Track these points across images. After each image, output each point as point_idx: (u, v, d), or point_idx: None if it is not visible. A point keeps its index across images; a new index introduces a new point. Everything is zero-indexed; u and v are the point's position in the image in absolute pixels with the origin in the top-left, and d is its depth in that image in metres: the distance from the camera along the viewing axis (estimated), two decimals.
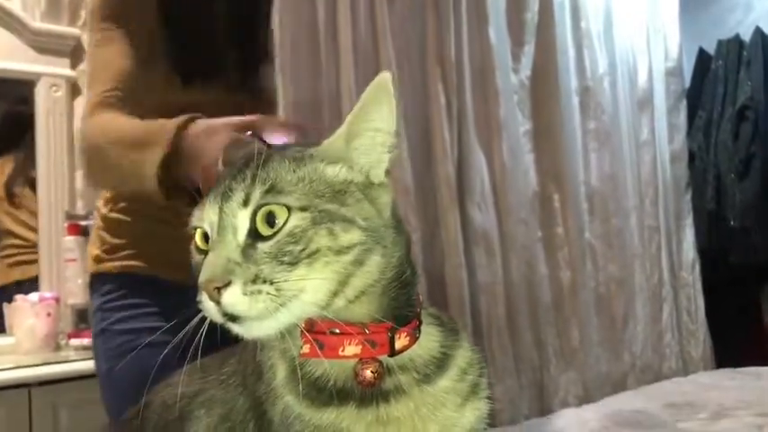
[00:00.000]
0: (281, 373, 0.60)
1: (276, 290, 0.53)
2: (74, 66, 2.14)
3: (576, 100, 3.12)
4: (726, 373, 2.34)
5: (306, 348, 0.58)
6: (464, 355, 0.64)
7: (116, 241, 1.21)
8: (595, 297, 3.10)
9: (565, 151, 3.01)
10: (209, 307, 0.54)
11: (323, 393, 0.57)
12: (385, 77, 0.57)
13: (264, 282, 0.52)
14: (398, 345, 0.58)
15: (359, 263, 0.55)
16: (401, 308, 0.58)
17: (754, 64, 3.47)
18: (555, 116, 3.00)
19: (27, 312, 1.89)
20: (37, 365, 1.73)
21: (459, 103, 2.68)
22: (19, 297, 1.93)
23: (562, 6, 3.09)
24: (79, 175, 2.13)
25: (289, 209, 0.54)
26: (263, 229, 0.54)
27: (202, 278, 0.53)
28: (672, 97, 3.55)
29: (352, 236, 0.54)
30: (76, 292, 1.96)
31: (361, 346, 0.57)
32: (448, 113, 2.64)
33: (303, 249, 0.53)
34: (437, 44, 2.65)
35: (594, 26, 3.23)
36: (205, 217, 0.57)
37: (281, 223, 0.54)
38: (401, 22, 2.60)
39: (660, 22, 3.54)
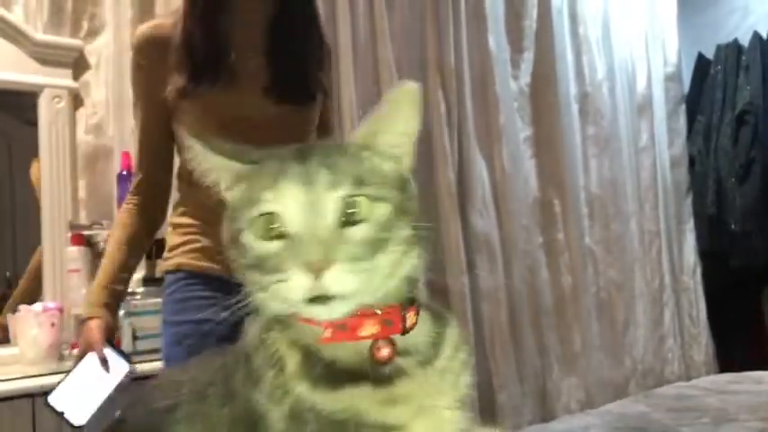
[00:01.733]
0: (291, 364, 0.60)
1: (370, 272, 0.56)
2: (76, 77, 2.15)
3: (575, 106, 3.14)
4: (728, 378, 2.34)
5: (328, 333, 0.60)
6: (453, 333, 0.67)
7: (176, 241, 1.33)
8: (597, 302, 3.11)
9: (565, 157, 3.02)
10: (295, 286, 0.55)
11: (338, 376, 0.59)
12: (412, 87, 0.62)
13: (360, 262, 0.56)
14: (409, 323, 0.62)
15: (409, 251, 0.60)
16: (410, 290, 0.63)
17: (752, 68, 3.48)
18: (555, 122, 3.01)
19: (31, 322, 1.89)
20: (41, 375, 1.73)
21: (459, 110, 2.70)
22: (22, 307, 1.93)
23: (560, 13, 3.11)
24: (82, 185, 2.14)
25: (373, 199, 0.58)
26: (347, 216, 0.57)
27: (307, 257, 0.54)
28: (671, 102, 3.56)
29: (409, 228, 0.60)
30: (80, 302, 1.97)
31: (378, 326, 0.60)
32: (448, 121, 2.65)
33: (386, 238, 0.58)
34: (437, 52, 2.66)
35: (593, 32, 3.25)
36: (285, 199, 0.57)
37: (367, 212, 0.58)
38: (400, 31, 2.62)
39: (658, 27, 3.56)
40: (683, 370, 3.36)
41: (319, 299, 0.55)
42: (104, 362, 1.19)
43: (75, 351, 1.88)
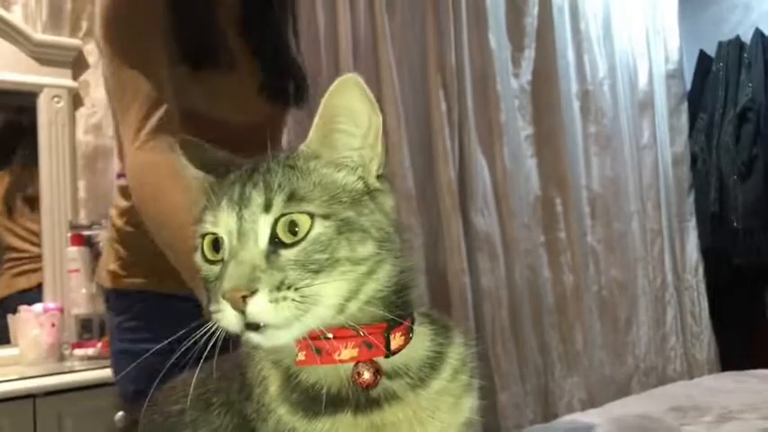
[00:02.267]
0: (273, 384, 0.59)
1: (301, 296, 0.52)
2: (75, 77, 2.15)
3: (576, 104, 3.13)
4: (731, 376, 2.32)
5: (302, 356, 0.57)
6: (457, 352, 0.62)
7: (133, 257, 1.15)
8: (598, 301, 3.10)
9: (566, 155, 3.02)
10: (228, 316, 0.52)
11: (317, 402, 0.56)
12: (351, 77, 0.56)
13: (289, 288, 0.52)
14: (394, 345, 0.57)
15: (372, 272, 0.55)
16: (396, 310, 0.58)
17: (754, 65, 3.47)
18: (556, 120, 3.00)
19: (31, 323, 1.89)
20: (41, 376, 1.73)
21: (460, 108, 2.69)
22: (23, 308, 1.93)
23: (561, 11, 3.10)
24: (82, 185, 2.14)
25: (312, 216, 0.54)
26: (285, 237, 0.54)
27: (227, 286, 0.52)
28: (673, 100, 3.55)
29: (367, 248, 0.55)
30: (80, 302, 1.97)
31: (357, 349, 0.56)
32: (449, 119, 2.64)
33: (327, 258, 0.53)
34: (437, 50, 2.66)
35: (594, 30, 3.24)
36: (221, 223, 0.55)
37: (305, 231, 0.54)
38: (401, 29, 2.61)
39: (660, 24, 3.55)
40: (686, 368, 3.35)
41: (255, 327, 0.52)
42: None
43: (76, 351, 1.89)
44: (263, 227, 0.54)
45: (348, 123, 0.57)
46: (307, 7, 2.31)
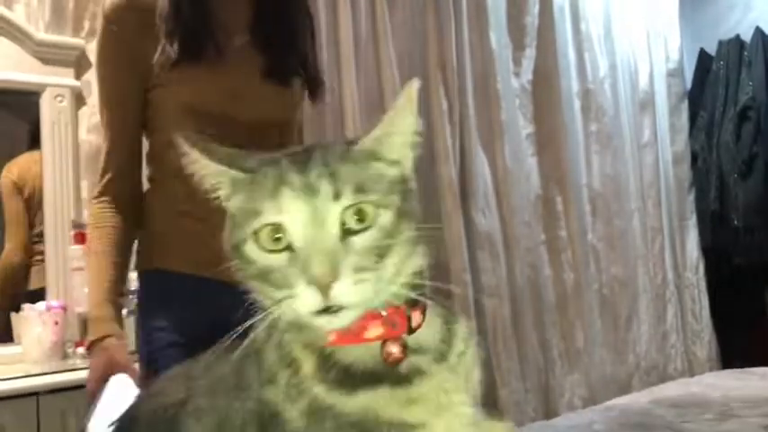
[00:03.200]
0: (307, 366, 0.60)
1: (375, 279, 0.57)
2: (78, 76, 2.15)
3: (577, 103, 3.14)
4: (732, 374, 2.33)
5: (333, 336, 0.60)
6: (461, 329, 0.67)
7: (153, 238, 1.25)
8: (599, 299, 3.11)
9: (567, 154, 3.02)
10: (307, 300, 0.55)
11: (354, 379, 0.59)
12: (414, 87, 0.62)
13: (365, 271, 0.56)
14: (414, 323, 0.62)
15: (413, 254, 0.61)
16: (415, 290, 0.62)
17: (755, 64, 3.48)
18: (556, 119, 3.01)
19: (34, 321, 1.90)
20: (45, 374, 1.74)
21: (460, 107, 2.70)
22: (26, 306, 1.94)
23: (562, 10, 3.10)
24: (85, 185, 2.14)
25: (376, 206, 0.58)
26: (354, 224, 0.57)
27: (317, 271, 0.55)
28: (673, 98, 3.56)
29: (412, 232, 0.60)
30: (83, 300, 1.97)
31: (383, 328, 0.60)
32: (450, 118, 2.65)
33: (390, 243, 0.58)
34: (438, 49, 2.66)
35: (595, 29, 3.25)
36: (287, 212, 0.57)
37: (371, 219, 0.58)
38: (402, 28, 2.62)
39: (660, 23, 3.55)
40: (686, 366, 3.36)
41: (327, 310, 0.56)
42: (137, 379, 1.12)
43: (80, 349, 1.90)
44: (335, 214, 0.57)
45: (405, 127, 0.64)
46: None
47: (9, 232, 2.13)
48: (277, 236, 0.58)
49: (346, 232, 0.57)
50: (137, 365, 1.19)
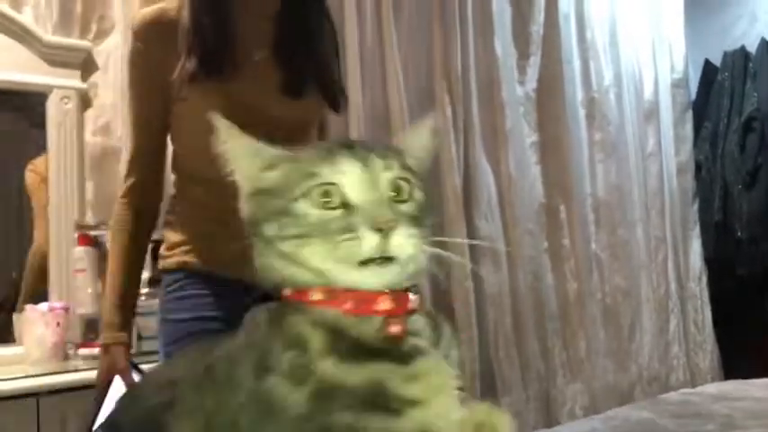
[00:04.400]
0: (316, 342, 0.61)
1: (420, 241, 0.62)
2: (84, 78, 2.16)
3: (581, 112, 3.14)
4: (734, 385, 2.32)
5: (349, 304, 0.63)
6: (447, 330, 0.70)
7: (176, 239, 1.30)
8: (602, 308, 3.10)
9: (571, 163, 3.02)
10: (369, 242, 0.60)
11: (363, 352, 0.61)
12: (432, 119, 0.73)
13: (414, 230, 0.62)
14: (411, 306, 0.66)
15: (428, 241, 0.65)
16: (415, 277, 0.67)
17: (760, 75, 3.48)
18: (561, 128, 3.01)
19: (36, 322, 1.90)
20: (46, 375, 1.74)
21: (465, 115, 2.70)
22: (28, 307, 1.94)
23: (567, 19, 3.11)
24: (90, 186, 2.15)
25: (416, 185, 0.66)
26: (398, 194, 0.64)
27: (379, 217, 0.60)
28: (678, 109, 3.56)
29: (432, 219, 0.67)
30: (86, 302, 1.97)
31: (391, 303, 0.64)
32: (454, 125, 2.65)
33: (424, 219, 0.64)
34: (443, 57, 2.67)
35: (600, 38, 3.25)
36: (343, 172, 0.62)
37: (412, 193, 0.65)
38: (407, 36, 2.62)
39: (665, 33, 3.56)
40: (689, 377, 3.35)
41: (378, 261, 0.60)
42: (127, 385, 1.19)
43: (81, 351, 1.90)
44: (386, 181, 0.64)
45: (422, 142, 0.73)
46: None
47: (39, 226, 2.13)
48: (327, 198, 0.62)
49: (393, 199, 0.63)
50: (134, 373, 1.25)
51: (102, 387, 1.21)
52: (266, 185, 0.66)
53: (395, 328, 0.63)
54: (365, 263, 0.60)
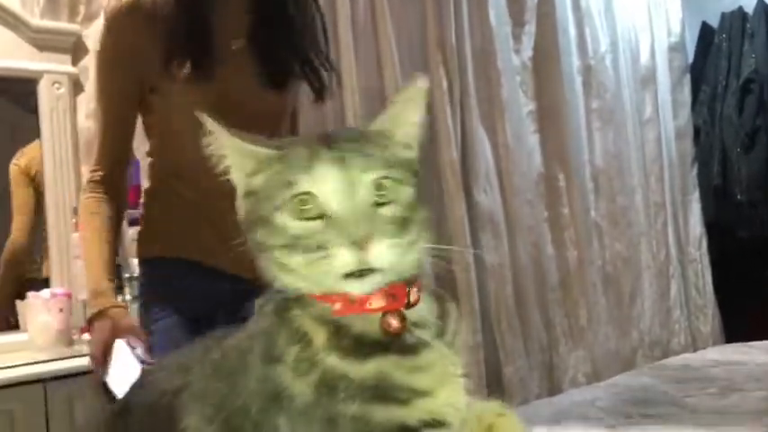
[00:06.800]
0: (319, 338, 0.62)
1: (407, 245, 0.61)
2: (75, 62, 2.14)
3: (578, 79, 3.11)
4: (735, 348, 2.34)
5: (338, 306, 0.62)
6: (453, 311, 0.69)
7: (153, 228, 1.32)
8: (602, 276, 3.11)
9: (568, 131, 3.01)
10: (344, 259, 0.58)
11: (365, 347, 0.62)
12: (423, 85, 0.66)
13: (396, 238, 0.60)
14: (412, 298, 0.64)
15: (425, 232, 0.64)
16: (416, 269, 0.65)
17: (757, 36, 3.44)
18: (558, 96, 2.99)
19: (39, 309, 1.91)
20: (51, 360, 1.75)
21: (461, 86, 2.68)
22: (31, 294, 1.95)
23: None
24: (85, 171, 2.14)
25: (399, 182, 0.62)
26: (379, 197, 0.61)
27: (354, 232, 0.58)
28: (675, 73, 3.53)
29: (425, 211, 0.64)
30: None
31: (384, 300, 0.62)
32: (450, 97, 2.63)
33: (411, 218, 0.62)
34: (437, 27, 2.64)
35: (595, 4, 3.21)
36: (320, 182, 0.60)
37: (395, 193, 0.62)
38: (401, 7, 2.59)
39: None
40: (690, 341, 3.37)
41: (357, 273, 0.59)
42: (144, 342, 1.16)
43: (85, 336, 1.91)
44: (366, 184, 0.61)
45: (411, 117, 0.67)
46: None
47: (16, 221, 2.13)
48: (308, 206, 0.60)
49: (375, 203, 0.61)
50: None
51: (101, 348, 1.14)
52: (253, 189, 0.65)
53: (392, 325, 0.62)
54: (346, 276, 0.59)
